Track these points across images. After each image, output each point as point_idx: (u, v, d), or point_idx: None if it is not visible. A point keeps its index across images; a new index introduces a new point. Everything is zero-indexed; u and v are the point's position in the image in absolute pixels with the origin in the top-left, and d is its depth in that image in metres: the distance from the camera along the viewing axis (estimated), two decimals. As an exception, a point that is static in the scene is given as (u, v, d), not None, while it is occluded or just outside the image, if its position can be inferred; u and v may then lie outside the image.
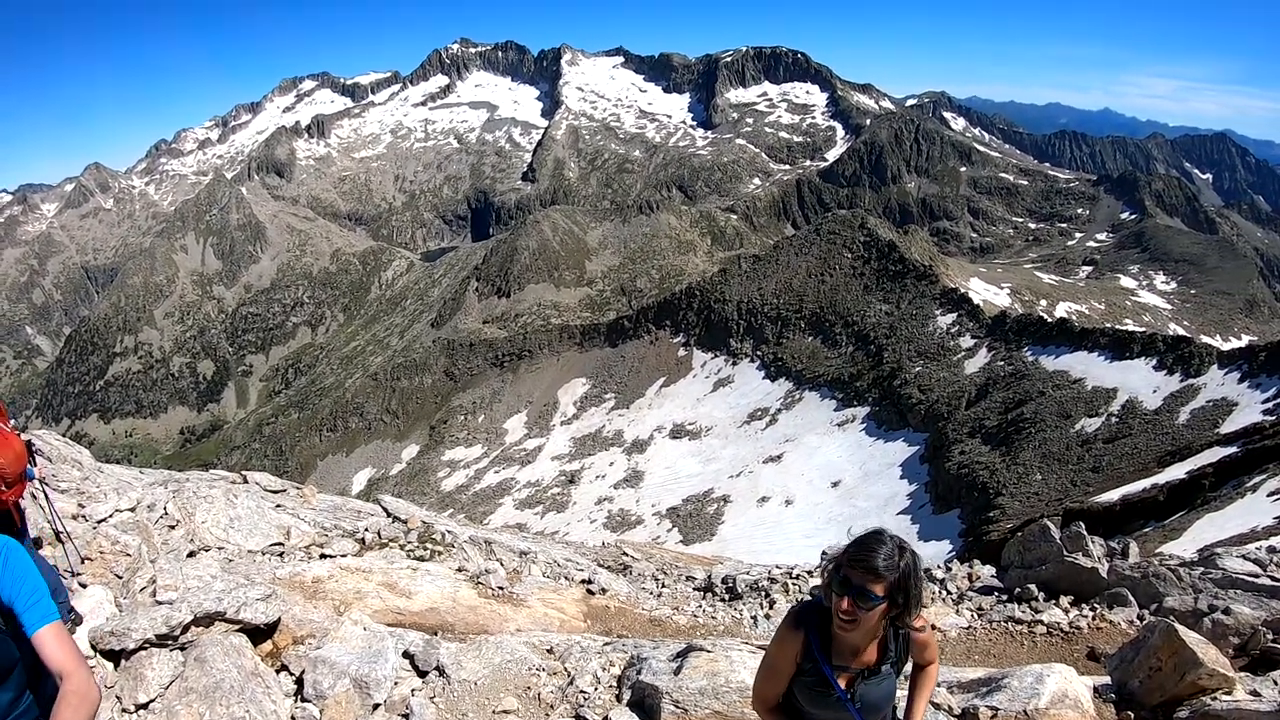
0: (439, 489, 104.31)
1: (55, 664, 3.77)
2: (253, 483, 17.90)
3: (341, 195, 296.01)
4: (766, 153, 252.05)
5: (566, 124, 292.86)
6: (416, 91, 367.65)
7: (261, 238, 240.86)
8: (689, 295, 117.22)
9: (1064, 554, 11.95)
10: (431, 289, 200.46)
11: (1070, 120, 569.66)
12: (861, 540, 3.91)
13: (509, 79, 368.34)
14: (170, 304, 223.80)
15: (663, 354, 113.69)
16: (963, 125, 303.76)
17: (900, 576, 3.80)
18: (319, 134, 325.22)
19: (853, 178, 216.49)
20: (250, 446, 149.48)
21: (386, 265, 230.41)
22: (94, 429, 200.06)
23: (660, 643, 9.88)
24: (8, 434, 7.34)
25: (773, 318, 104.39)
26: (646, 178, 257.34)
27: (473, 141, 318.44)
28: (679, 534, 74.73)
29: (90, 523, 10.70)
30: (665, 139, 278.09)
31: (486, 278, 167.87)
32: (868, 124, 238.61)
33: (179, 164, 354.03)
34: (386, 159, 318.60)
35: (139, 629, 7.49)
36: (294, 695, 7.83)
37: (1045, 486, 55.70)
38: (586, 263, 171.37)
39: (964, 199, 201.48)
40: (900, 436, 77.34)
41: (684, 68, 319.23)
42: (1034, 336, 74.27)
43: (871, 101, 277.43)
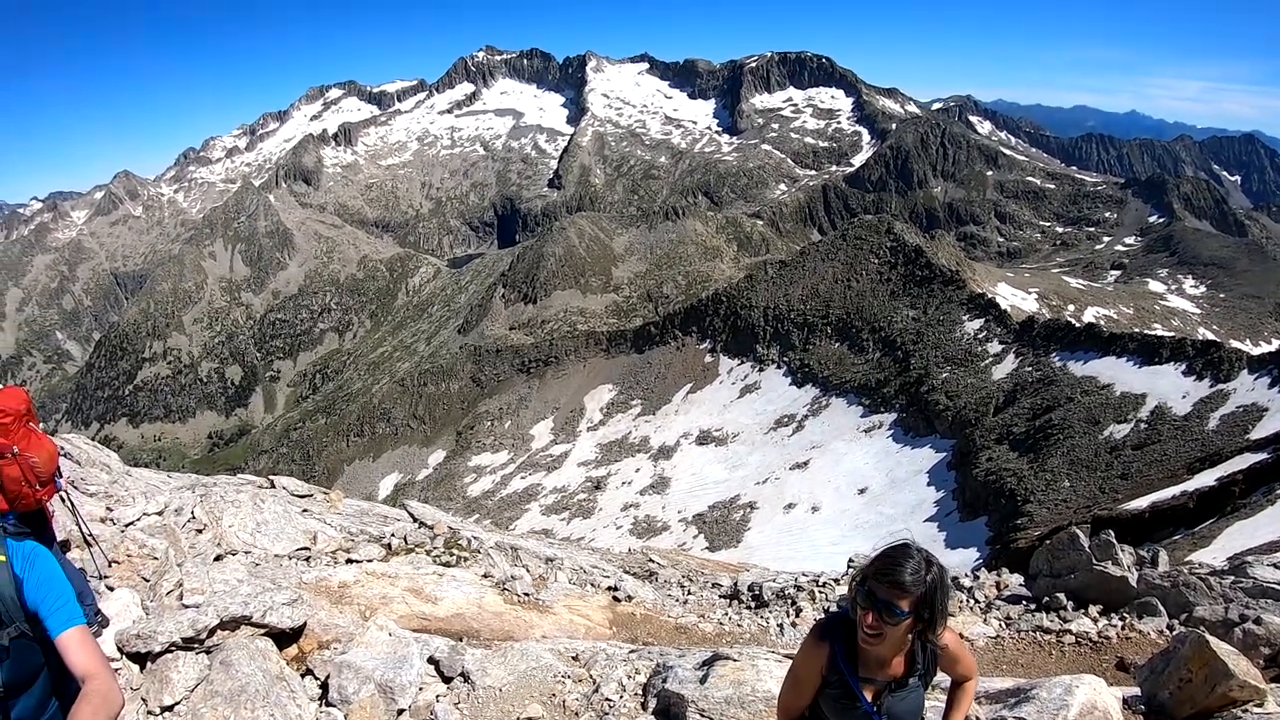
0: (465, 494, 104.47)
1: (78, 667, 3.77)
2: (280, 487, 17.96)
3: (368, 202, 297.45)
4: (792, 158, 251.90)
5: (592, 130, 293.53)
6: (442, 99, 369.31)
7: (289, 245, 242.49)
8: (715, 301, 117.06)
9: (1093, 562, 11.81)
10: (458, 295, 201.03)
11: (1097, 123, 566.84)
12: (887, 554, 3.86)
13: (534, 86, 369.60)
14: (199, 310, 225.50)
15: (689, 360, 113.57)
16: (989, 129, 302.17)
17: (926, 591, 3.75)
18: (346, 142, 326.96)
19: (879, 183, 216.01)
20: (278, 451, 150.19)
21: (413, 272, 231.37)
22: (123, 433, 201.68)
23: (686, 651, 9.82)
24: (40, 434, 7.42)
25: (799, 324, 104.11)
26: (672, 184, 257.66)
27: (499, 148, 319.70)
28: (705, 540, 74.53)
29: (118, 526, 10.75)
30: (691, 145, 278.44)
31: (513, 284, 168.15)
32: (893, 128, 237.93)
33: (207, 172, 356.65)
34: (413, 166, 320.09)
35: (165, 632, 7.51)
36: (319, 700, 7.84)
37: (1073, 493, 55.20)
38: (613, 269, 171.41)
39: (991, 203, 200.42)
40: (927, 443, 76.91)
41: (709, 74, 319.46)
42: (1062, 342, 73.70)
43: (897, 106, 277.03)
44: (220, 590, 8.98)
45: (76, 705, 3.58)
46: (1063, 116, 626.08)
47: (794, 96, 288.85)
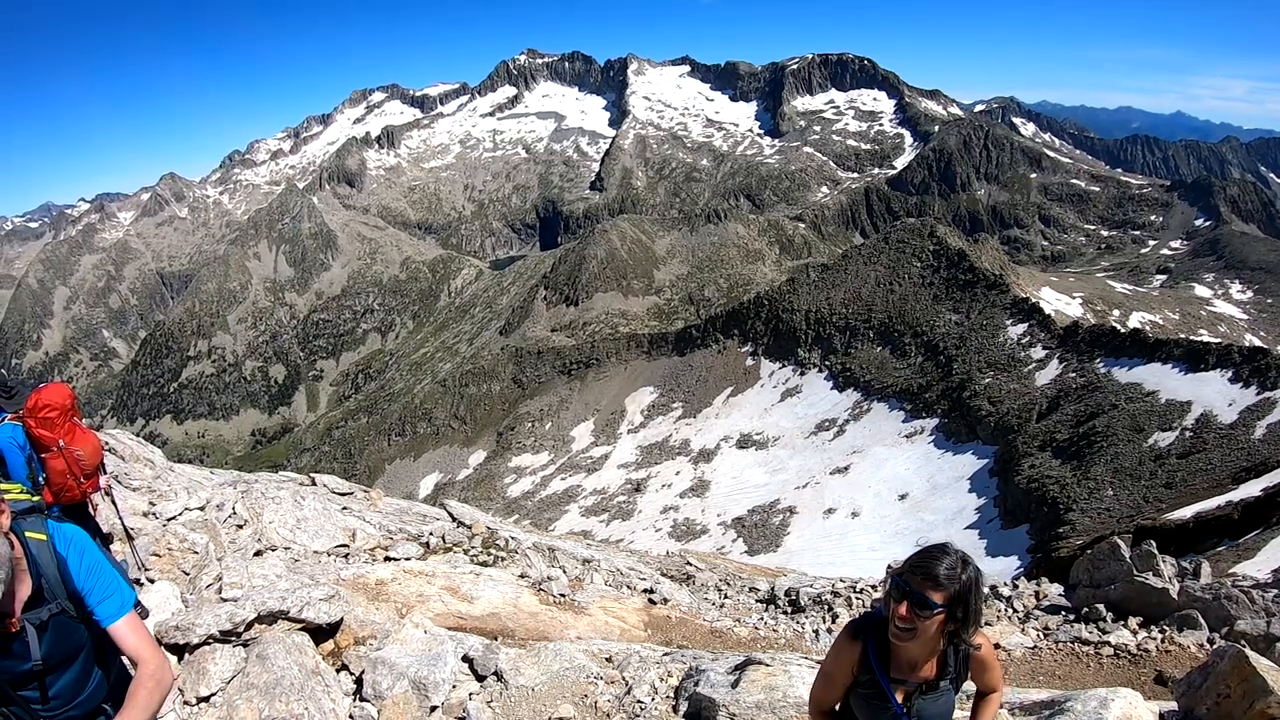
0: (505, 495, 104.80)
1: (132, 652, 3.95)
2: (320, 485, 18.12)
3: (411, 204, 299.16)
4: (834, 161, 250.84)
5: (634, 133, 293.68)
6: (485, 102, 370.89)
7: (333, 246, 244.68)
8: (757, 304, 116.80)
9: (1134, 573, 11.68)
10: (500, 297, 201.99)
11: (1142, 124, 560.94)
12: (924, 550, 3.87)
13: (576, 89, 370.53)
14: (243, 310, 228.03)
15: (730, 363, 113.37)
16: (1032, 130, 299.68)
17: (961, 589, 3.74)
18: (389, 144, 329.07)
19: (921, 185, 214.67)
20: (320, 449, 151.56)
21: (455, 273, 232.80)
22: (167, 429, 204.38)
23: (720, 655, 9.83)
24: (85, 430, 7.55)
25: (841, 327, 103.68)
26: (714, 186, 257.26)
27: (541, 151, 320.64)
28: (744, 544, 74.34)
29: (160, 520, 10.90)
30: (732, 147, 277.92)
31: (555, 286, 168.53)
32: (936, 130, 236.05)
33: (252, 174, 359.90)
34: (455, 169, 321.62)
35: (204, 624, 7.61)
36: (353, 695, 7.91)
37: (1116, 502, 54.52)
38: (655, 272, 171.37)
39: (1035, 206, 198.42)
40: (969, 449, 76.32)
41: (750, 76, 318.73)
42: (1106, 348, 72.88)
43: (939, 108, 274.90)
44: (259, 585, 9.08)
45: (133, 688, 3.78)
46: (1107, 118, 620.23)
47: (836, 98, 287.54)
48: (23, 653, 3.93)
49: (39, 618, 3.93)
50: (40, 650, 3.94)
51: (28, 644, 3.91)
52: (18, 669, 3.97)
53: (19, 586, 3.87)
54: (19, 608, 3.87)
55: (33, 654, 3.93)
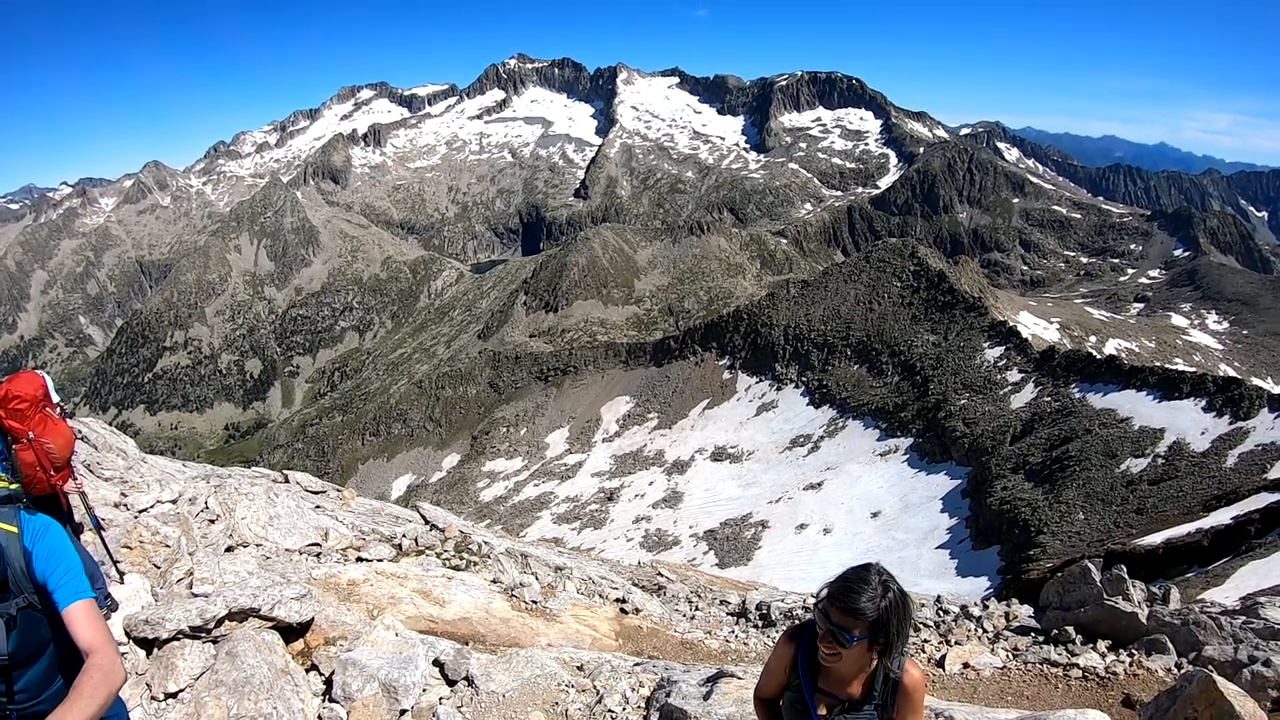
0: (477, 499, 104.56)
1: (83, 640, 3.80)
2: (294, 482, 18.04)
3: (395, 204, 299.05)
4: (819, 178, 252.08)
5: (620, 142, 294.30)
6: (473, 105, 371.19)
7: (314, 242, 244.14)
8: (736, 318, 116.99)
9: (1104, 597, 11.73)
10: (480, 300, 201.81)
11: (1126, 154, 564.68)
12: (846, 577, 3.87)
13: (565, 96, 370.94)
14: (221, 302, 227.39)
15: (707, 376, 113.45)
16: (1016, 156, 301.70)
17: (881, 615, 3.74)
18: (375, 143, 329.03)
19: (904, 206, 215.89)
20: (293, 446, 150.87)
21: (436, 275, 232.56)
22: (140, 420, 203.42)
23: (691, 666, 9.81)
24: (57, 420, 7.46)
25: (819, 344, 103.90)
26: (698, 199, 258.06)
27: (526, 156, 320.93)
28: (715, 557, 74.25)
29: (132, 512, 10.80)
30: (718, 161, 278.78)
31: (535, 292, 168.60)
32: (921, 152, 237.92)
33: (236, 166, 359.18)
34: (441, 170, 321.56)
35: (173, 619, 7.55)
36: (322, 695, 7.86)
37: (1087, 527, 54.76)
38: (635, 281, 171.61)
39: (1016, 231, 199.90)
40: (943, 469, 76.49)
41: (739, 90, 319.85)
42: (1082, 373, 73.22)
43: (925, 130, 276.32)
44: (230, 581, 9.04)
45: (79, 677, 3.60)
46: (1091, 146, 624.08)
47: (823, 116, 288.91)
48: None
49: (7, 611, 3.89)
50: (7, 645, 3.90)
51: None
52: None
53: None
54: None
55: (1, 649, 3.88)
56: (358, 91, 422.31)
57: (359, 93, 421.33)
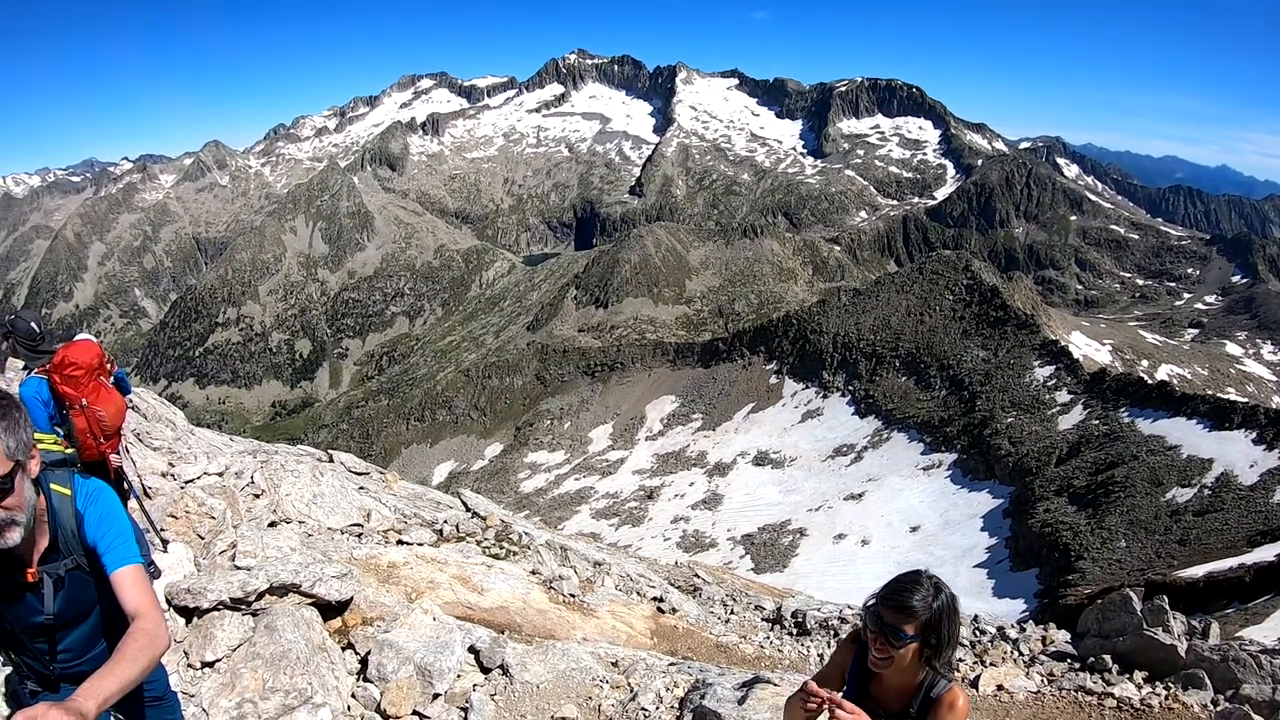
0: (518, 489, 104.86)
1: (130, 604, 3.80)
2: (338, 462, 18.17)
3: (450, 193, 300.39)
4: (875, 186, 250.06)
5: (677, 141, 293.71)
6: (531, 98, 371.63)
7: (369, 227, 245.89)
8: (786, 323, 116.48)
9: (1143, 627, 11.56)
10: (530, 292, 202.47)
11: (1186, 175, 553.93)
12: (897, 579, 3.92)
13: (623, 93, 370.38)
14: (275, 282, 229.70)
15: (754, 380, 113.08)
16: (1076, 172, 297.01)
17: (933, 616, 3.76)
18: (433, 131, 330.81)
19: (960, 218, 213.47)
20: (338, 427, 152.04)
21: (488, 265, 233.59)
22: (189, 393, 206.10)
23: (726, 670, 9.78)
24: (110, 389, 7.54)
25: (868, 354, 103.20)
26: (753, 201, 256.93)
27: (583, 151, 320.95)
28: (751, 561, 73.97)
29: (178, 482, 10.92)
30: (774, 164, 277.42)
31: (586, 287, 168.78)
32: (979, 164, 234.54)
33: (295, 149, 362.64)
34: (497, 161, 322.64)
35: (215, 590, 7.62)
36: (357, 674, 7.92)
37: (1129, 555, 53.85)
38: (686, 281, 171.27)
39: (1072, 249, 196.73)
40: (985, 488, 75.67)
41: (798, 94, 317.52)
42: (1132, 397, 72.09)
43: (984, 142, 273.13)
44: (272, 556, 9.10)
45: (124, 640, 3.59)
46: (1151, 165, 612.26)
47: (881, 124, 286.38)
48: (37, 605, 3.94)
49: (56, 572, 3.93)
50: (54, 605, 3.94)
51: (43, 596, 3.92)
52: (30, 620, 3.98)
53: (39, 537, 3.88)
54: (36, 558, 3.88)
55: (46, 607, 3.93)
56: (418, 80, 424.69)
57: (419, 82, 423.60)
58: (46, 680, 4.17)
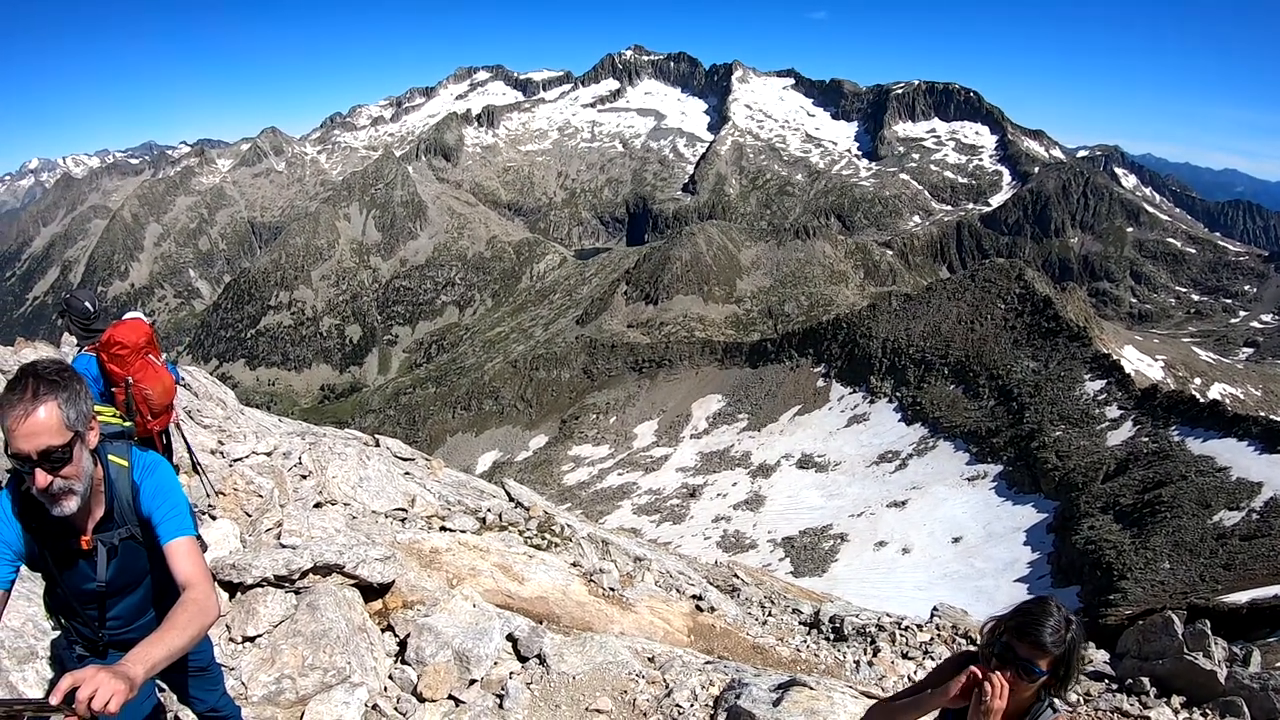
0: (560, 482, 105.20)
1: (182, 574, 3.88)
2: (384, 447, 18.30)
3: (504, 185, 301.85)
4: (929, 190, 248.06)
5: (732, 140, 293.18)
6: (587, 93, 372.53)
7: (422, 216, 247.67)
8: (835, 326, 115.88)
9: (1184, 651, 11.40)
10: (581, 286, 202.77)
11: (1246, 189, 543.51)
12: (1029, 610, 3.76)
13: (678, 90, 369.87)
14: (327, 267, 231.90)
15: (801, 382, 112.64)
16: (1134, 183, 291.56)
17: (1066, 650, 3.66)
18: (488, 123, 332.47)
19: (1015, 226, 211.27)
20: (384, 412, 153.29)
21: (540, 258, 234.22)
22: (239, 373, 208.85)
23: (762, 671, 9.77)
24: (160, 367, 7.64)
25: (916, 360, 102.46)
26: (806, 203, 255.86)
27: (637, 147, 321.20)
28: (790, 564, 73.67)
29: (227, 460, 11.06)
30: (829, 166, 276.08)
31: (636, 283, 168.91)
32: (1036, 172, 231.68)
33: (351, 137, 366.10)
34: (551, 155, 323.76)
35: (260, 567, 7.72)
36: (395, 656, 8.00)
37: (1172, 576, 52.81)
38: (737, 281, 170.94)
39: (1127, 261, 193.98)
40: (1030, 501, 74.76)
41: (854, 96, 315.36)
42: (1183, 416, 70.73)
43: (1042, 149, 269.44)
44: (317, 536, 9.19)
45: (174, 609, 3.67)
46: (1211, 178, 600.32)
47: (937, 128, 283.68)
48: (90, 572, 4.02)
49: (110, 540, 4.00)
50: (107, 572, 4.02)
51: (96, 563, 4.00)
52: (83, 587, 4.06)
53: (94, 507, 3.95)
54: (91, 526, 3.95)
55: (99, 574, 4.01)
56: (474, 72, 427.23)
57: (475, 74, 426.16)
58: (94, 646, 4.25)
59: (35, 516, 3.83)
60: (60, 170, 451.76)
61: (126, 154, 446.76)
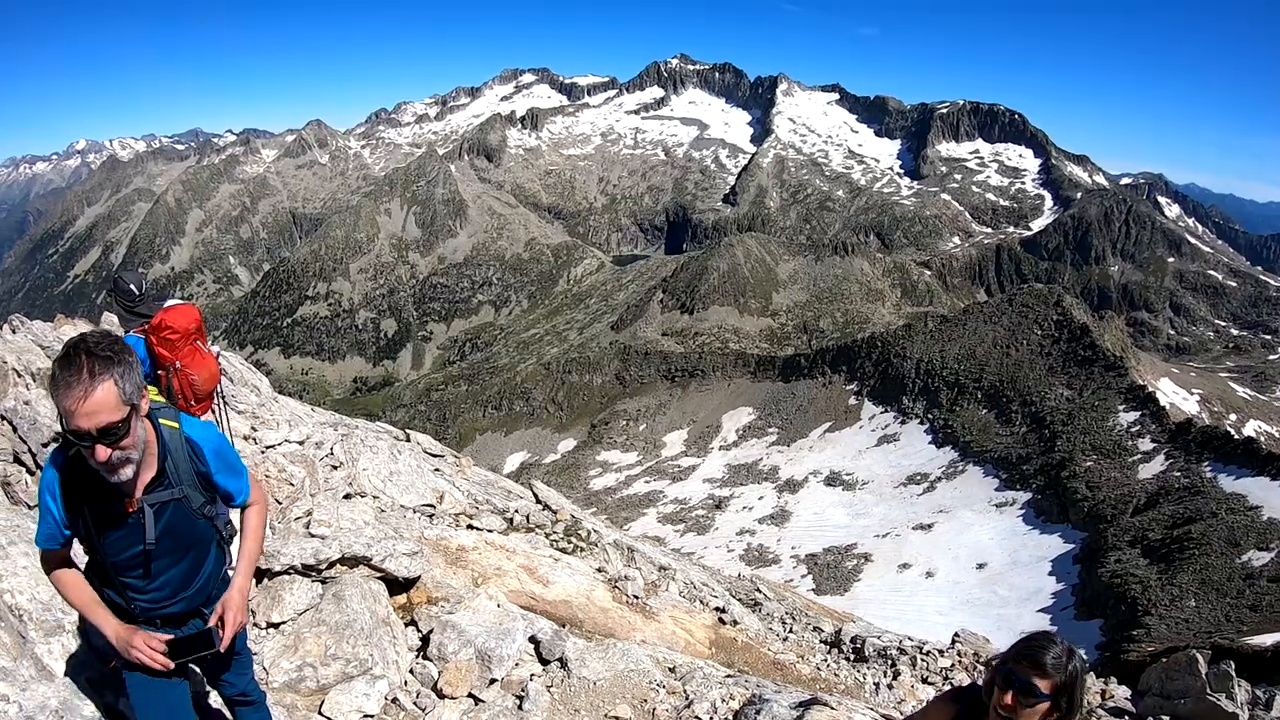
0: (587, 486, 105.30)
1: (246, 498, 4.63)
2: (415, 442, 18.38)
3: (545, 188, 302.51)
4: (970, 212, 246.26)
5: (774, 153, 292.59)
6: (631, 99, 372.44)
7: (462, 215, 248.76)
8: (869, 344, 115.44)
9: (1206, 692, 11.29)
10: (617, 292, 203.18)
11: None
12: (1031, 637, 3.86)
13: (722, 100, 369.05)
14: (366, 261, 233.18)
15: (833, 399, 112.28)
16: (1177, 213, 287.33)
17: (1067, 678, 3.71)
18: (532, 126, 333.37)
19: (1055, 251, 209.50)
20: (415, 407, 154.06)
21: (578, 262, 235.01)
22: (274, 361, 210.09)
23: (783, 688, 9.74)
24: (207, 354, 7.73)
25: (950, 382, 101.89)
26: (846, 219, 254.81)
27: (679, 156, 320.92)
28: (812, 581, 73.31)
29: (259, 447, 11.14)
30: (870, 183, 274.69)
31: (673, 291, 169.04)
32: (1078, 197, 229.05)
33: (395, 133, 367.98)
34: (593, 160, 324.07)
35: (288, 555, 7.79)
36: (417, 651, 8.04)
37: (1197, 615, 52.03)
38: (773, 294, 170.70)
39: (1167, 291, 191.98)
40: (1058, 531, 73.95)
41: (898, 113, 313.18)
42: (1217, 452, 69.78)
43: (1085, 174, 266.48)
44: (346, 528, 9.23)
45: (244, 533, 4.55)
46: (1255, 211, 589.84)
47: (981, 149, 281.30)
48: (136, 536, 4.05)
49: (159, 499, 4.06)
50: (154, 532, 4.05)
51: (143, 526, 4.03)
52: (128, 552, 4.09)
53: (144, 470, 4.02)
54: (140, 489, 4.01)
55: (147, 535, 4.03)
56: (520, 75, 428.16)
57: (521, 76, 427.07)
58: (127, 618, 4.23)
59: (83, 484, 3.91)
60: (106, 152, 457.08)
61: (173, 140, 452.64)
